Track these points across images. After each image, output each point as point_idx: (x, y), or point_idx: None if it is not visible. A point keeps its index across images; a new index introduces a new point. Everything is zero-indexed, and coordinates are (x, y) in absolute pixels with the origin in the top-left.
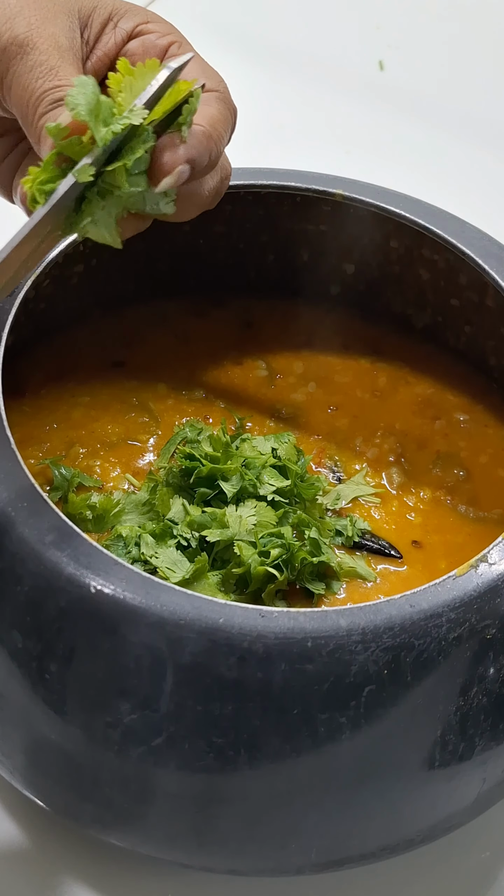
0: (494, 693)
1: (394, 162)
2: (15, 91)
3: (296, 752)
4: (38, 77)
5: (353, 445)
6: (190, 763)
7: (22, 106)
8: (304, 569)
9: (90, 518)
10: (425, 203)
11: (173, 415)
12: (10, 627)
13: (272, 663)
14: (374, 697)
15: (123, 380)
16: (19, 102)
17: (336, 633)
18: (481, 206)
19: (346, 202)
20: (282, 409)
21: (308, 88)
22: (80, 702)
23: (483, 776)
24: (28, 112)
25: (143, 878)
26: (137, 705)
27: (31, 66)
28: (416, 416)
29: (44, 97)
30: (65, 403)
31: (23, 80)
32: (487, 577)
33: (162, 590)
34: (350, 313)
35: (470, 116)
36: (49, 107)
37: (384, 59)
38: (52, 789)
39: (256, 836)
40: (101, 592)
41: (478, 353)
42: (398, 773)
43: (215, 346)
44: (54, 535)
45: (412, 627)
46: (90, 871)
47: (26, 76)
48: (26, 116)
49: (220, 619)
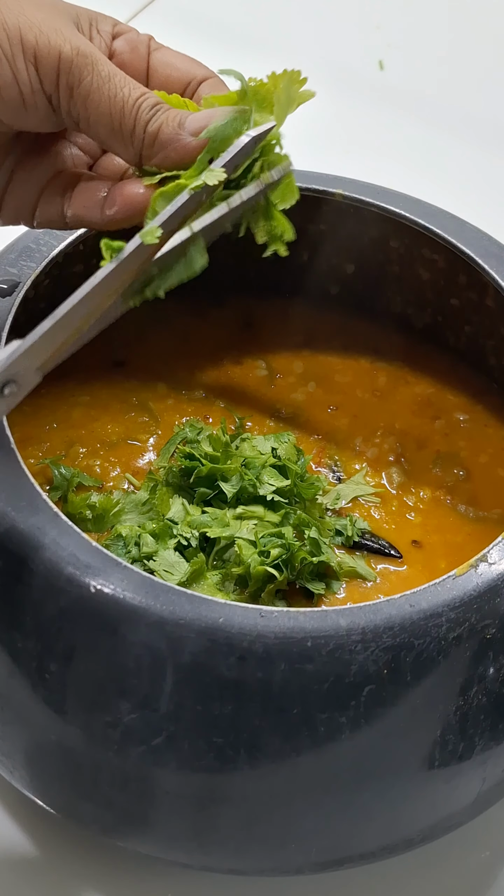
0: (494, 693)
1: (394, 162)
2: (97, 101)
3: (296, 751)
4: (122, 85)
5: (353, 445)
6: (190, 763)
7: (113, 115)
8: (303, 568)
9: (90, 518)
10: (425, 203)
11: (173, 414)
12: (10, 627)
13: (272, 663)
14: (373, 697)
15: (123, 379)
16: (107, 112)
17: (336, 632)
18: (481, 206)
19: (346, 202)
20: (282, 408)
21: (308, 87)
22: (79, 701)
23: (483, 776)
24: (126, 120)
25: (143, 877)
26: (137, 705)
27: (107, 75)
28: (415, 416)
29: (140, 103)
30: (65, 403)
31: (105, 90)
32: (487, 577)
33: (162, 589)
34: (350, 313)
35: (470, 116)
36: (152, 112)
37: (384, 58)
38: (52, 789)
39: (256, 836)
40: (100, 592)
41: (478, 352)
42: (398, 773)
43: (215, 346)
44: (54, 534)
45: (412, 627)
46: (90, 871)
47: (107, 86)
48: (123, 125)
49: (220, 619)
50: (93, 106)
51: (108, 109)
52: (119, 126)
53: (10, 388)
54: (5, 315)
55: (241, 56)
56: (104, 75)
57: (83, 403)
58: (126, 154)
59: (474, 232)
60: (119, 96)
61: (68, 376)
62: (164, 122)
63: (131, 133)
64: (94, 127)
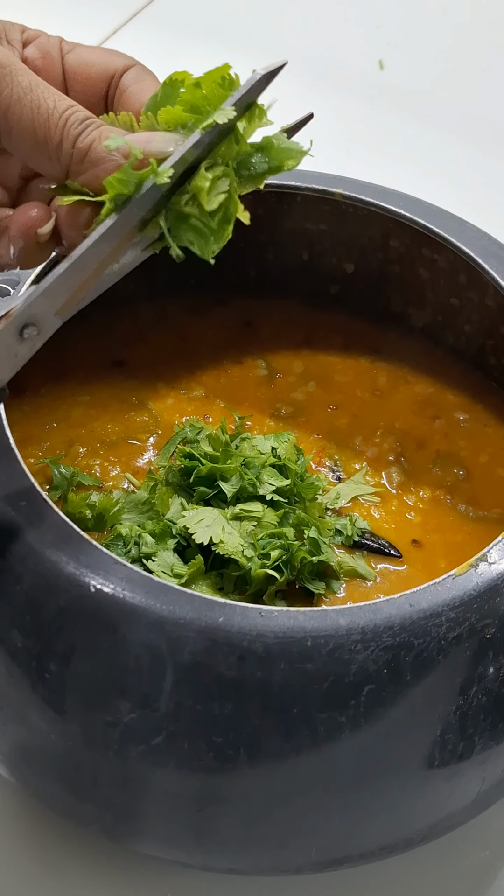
0: (494, 692)
1: (394, 161)
2: (18, 113)
3: (295, 751)
4: (46, 96)
5: (353, 445)
6: (189, 762)
7: (38, 128)
8: (303, 568)
9: (90, 517)
10: (425, 202)
11: (173, 414)
12: (10, 626)
13: (272, 662)
14: (373, 697)
15: (123, 379)
16: (30, 126)
17: (336, 632)
18: (481, 205)
19: (345, 201)
20: (282, 408)
21: (308, 88)
22: (79, 701)
23: (482, 775)
24: (52, 134)
25: (143, 876)
26: (137, 704)
27: (28, 86)
28: (415, 416)
29: (67, 116)
30: (64, 402)
31: (27, 102)
32: (487, 577)
33: (162, 589)
34: (350, 312)
35: (470, 116)
36: (81, 126)
37: (384, 58)
38: (52, 788)
39: (256, 836)
40: (100, 591)
41: (478, 352)
42: (398, 773)
43: (215, 346)
44: (54, 534)
45: (412, 627)
46: (90, 871)
47: (28, 97)
48: (49, 138)
49: (220, 619)
50: (14, 119)
51: (30, 123)
52: (44, 139)
53: (30, 331)
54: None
55: (240, 56)
56: (25, 86)
57: (83, 403)
58: (51, 170)
59: (474, 231)
60: (43, 107)
61: (68, 376)
62: (95, 140)
63: (57, 147)
64: (16, 141)
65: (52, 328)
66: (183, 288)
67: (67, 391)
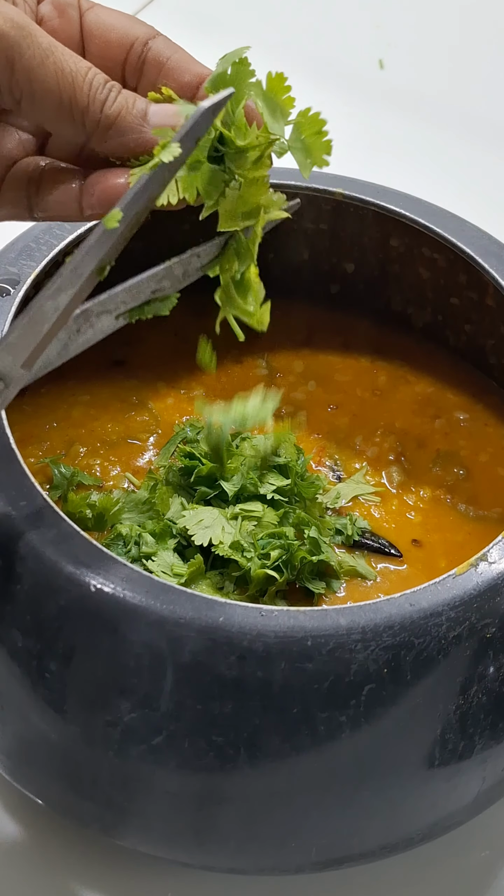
0: (494, 692)
1: (394, 161)
2: (42, 76)
3: (296, 750)
4: (67, 58)
5: (353, 444)
6: (190, 762)
7: (63, 90)
8: (303, 568)
9: (90, 517)
10: (425, 202)
11: (173, 413)
12: (10, 626)
13: (272, 662)
14: (373, 696)
15: (123, 378)
16: (55, 88)
17: (336, 631)
18: (481, 205)
19: (346, 201)
20: (282, 407)
21: (308, 87)
22: (79, 701)
23: (483, 775)
24: (78, 96)
25: (143, 876)
26: (137, 704)
27: (48, 47)
28: (416, 415)
29: (90, 79)
30: (65, 402)
31: (50, 64)
32: (487, 576)
33: (162, 589)
34: (350, 312)
35: (470, 116)
36: (106, 91)
37: (384, 58)
38: (52, 788)
39: (256, 835)
40: (100, 591)
41: (478, 351)
42: (398, 772)
43: (215, 345)
44: (54, 533)
45: (412, 626)
46: (90, 870)
47: (51, 58)
48: (75, 101)
49: (220, 618)
50: (38, 81)
51: (55, 86)
52: (69, 103)
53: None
54: (5, 314)
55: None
56: (45, 47)
57: (83, 402)
58: (74, 134)
59: (474, 231)
60: (67, 69)
61: (68, 376)
62: (124, 108)
63: (84, 111)
64: (39, 105)
65: (20, 381)
66: (183, 287)
67: (67, 391)
